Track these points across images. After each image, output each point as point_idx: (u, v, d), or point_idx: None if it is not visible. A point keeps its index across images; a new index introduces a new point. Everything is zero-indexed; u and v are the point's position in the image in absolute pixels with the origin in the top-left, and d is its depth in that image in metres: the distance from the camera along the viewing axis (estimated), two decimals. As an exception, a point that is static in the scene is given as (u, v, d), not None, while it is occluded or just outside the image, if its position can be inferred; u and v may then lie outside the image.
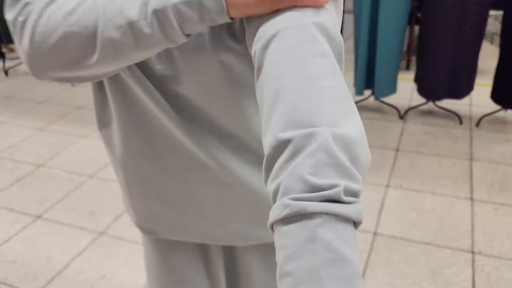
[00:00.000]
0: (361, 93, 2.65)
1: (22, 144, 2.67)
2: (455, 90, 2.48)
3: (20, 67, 4.07)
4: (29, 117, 3.03)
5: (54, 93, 3.43)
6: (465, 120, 2.62)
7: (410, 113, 2.73)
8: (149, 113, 0.64)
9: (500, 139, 2.41)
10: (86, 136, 2.71)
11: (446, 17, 2.31)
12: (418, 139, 2.45)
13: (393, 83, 2.61)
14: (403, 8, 2.40)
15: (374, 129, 2.59)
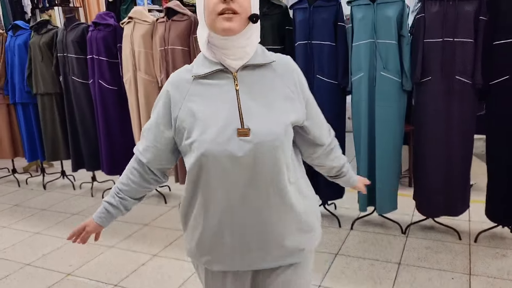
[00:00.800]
0: (364, 209, 2.89)
1: (54, 253, 2.93)
2: (450, 208, 2.70)
3: (57, 181, 4.50)
4: (62, 228, 3.33)
5: (86, 206, 3.78)
6: (464, 235, 2.78)
7: (412, 228, 2.92)
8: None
9: (498, 254, 2.55)
10: (113, 246, 2.96)
11: (435, 142, 2.63)
12: (419, 254, 2.61)
13: (393, 200, 2.86)
14: (397, 131, 2.74)
15: (378, 243, 2.77)
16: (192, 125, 1.09)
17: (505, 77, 2.40)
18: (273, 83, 1.13)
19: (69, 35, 3.74)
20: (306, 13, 2.80)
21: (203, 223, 1.16)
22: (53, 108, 4.03)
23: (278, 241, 1.15)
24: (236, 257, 1.16)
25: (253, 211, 1.12)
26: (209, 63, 1.12)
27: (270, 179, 1.10)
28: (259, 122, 1.07)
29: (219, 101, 1.09)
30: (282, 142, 1.08)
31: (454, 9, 2.45)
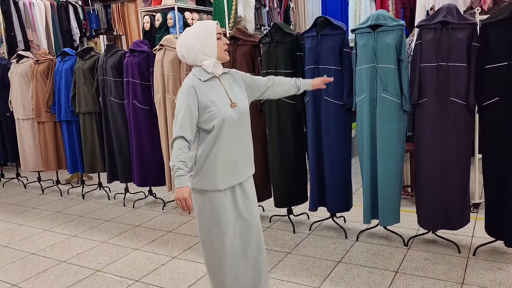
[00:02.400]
0: (368, 222, 3.08)
1: (86, 253, 3.29)
2: (448, 222, 2.84)
3: (95, 192, 4.93)
4: (96, 232, 3.70)
5: (118, 214, 4.15)
6: (464, 249, 2.91)
7: (415, 240, 3.07)
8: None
9: (493, 267, 2.66)
10: (138, 249, 3.28)
11: (433, 160, 2.80)
12: (417, 264, 2.76)
13: (396, 214, 3.03)
14: (398, 149, 2.93)
15: (380, 254, 2.94)
16: (210, 103, 1.96)
17: (495, 99, 2.57)
18: (235, 82, 2.12)
19: (108, 61, 4.21)
20: (314, 40, 3.09)
21: (218, 162, 1.99)
22: (92, 125, 4.49)
23: (249, 161, 2.15)
24: (235, 175, 2.05)
25: (242, 146, 2.07)
26: (206, 73, 2.01)
27: (246, 128, 2.09)
28: (238, 100, 2.05)
29: (218, 91, 2.01)
30: (248, 110, 2.10)
31: (447, 37, 2.66)
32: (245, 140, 2.09)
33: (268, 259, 2.97)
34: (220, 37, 2.01)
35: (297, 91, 2.37)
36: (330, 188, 3.21)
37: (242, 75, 2.16)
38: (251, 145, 2.15)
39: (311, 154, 3.22)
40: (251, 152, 2.16)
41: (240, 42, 3.44)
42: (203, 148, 1.98)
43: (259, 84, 2.22)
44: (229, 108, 1.98)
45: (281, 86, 2.29)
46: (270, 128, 3.38)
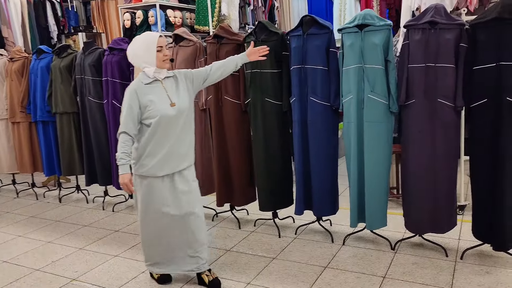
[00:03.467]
0: (355, 225, 3.01)
1: (62, 260, 3.13)
2: (436, 225, 2.80)
3: (72, 195, 4.76)
4: (73, 238, 3.55)
5: (97, 218, 4.00)
6: (452, 252, 2.87)
7: (402, 244, 3.02)
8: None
9: (482, 270, 2.62)
10: (117, 255, 3.15)
11: (420, 162, 2.75)
12: (405, 268, 2.70)
13: (383, 217, 2.97)
14: (385, 151, 2.87)
15: (367, 258, 2.88)
16: (149, 103, 2.37)
17: (484, 100, 2.54)
18: (177, 84, 2.50)
19: (86, 59, 4.05)
20: (300, 40, 3.01)
21: (158, 152, 2.40)
22: (70, 126, 4.32)
23: (188, 152, 2.52)
24: (172, 164, 2.44)
25: (179, 139, 2.45)
26: (148, 77, 2.43)
27: (186, 124, 2.49)
28: (179, 100, 2.44)
29: (159, 93, 2.42)
30: (189, 109, 2.50)
31: (435, 37, 2.61)
32: (184, 134, 2.49)
33: (253, 265, 2.88)
34: (161, 49, 2.40)
35: (235, 67, 2.71)
36: (317, 191, 3.13)
37: (184, 73, 2.55)
38: (191, 138, 2.56)
39: (297, 156, 3.14)
40: (191, 144, 2.56)
41: (224, 40, 3.33)
42: (144, 140, 2.41)
43: (200, 75, 2.60)
44: (168, 107, 2.39)
45: (219, 69, 2.64)
46: (255, 130, 3.29)
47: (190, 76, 2.56)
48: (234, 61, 2.69)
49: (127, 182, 2.35)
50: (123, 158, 2.34)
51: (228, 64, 2.67)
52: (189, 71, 2.57)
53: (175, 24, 5.08)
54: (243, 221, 3.64)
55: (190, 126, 2.53)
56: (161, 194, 2.46)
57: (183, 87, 2.50)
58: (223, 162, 3.48)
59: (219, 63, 2.66)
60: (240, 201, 3.54)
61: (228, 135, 3.43)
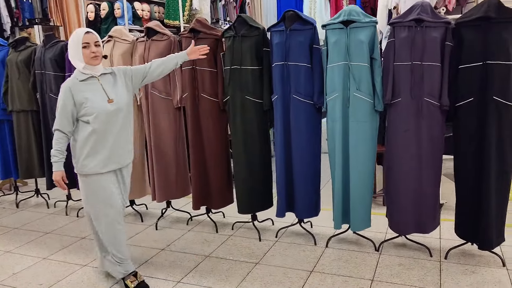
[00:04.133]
0: (339, 227, 2.94)
1: (25, 272, 2.86)
2: (421, 225, 2.77)
3: (31, 199, 4.41)
4: (35, 247, 3.26)
5: (61, 225, 3.71)
6: (435, 252, 2.85)
7: (385, 245, 2.98)
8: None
9: (467, 270, 2.62)
10: (86, 265, 2.91)
11: (405, 161, 2.71)
12: (392, 270, 2.66)
13: (367, 218, 2.92)
14: (370, 150, 2.82)
15: (352, 260, 2.81)
16: (84, 100, 2.34)
17: (470, 99, 2.53)
18: (116, 80, 2.48)
19: (47, 53, 3.75)
20: (283, 35, 2.89)
21: (99, 151, 2.39)
22: (28, 125, 4.00)
23: (127, 149, 2.53)
24: (117, 159, 2.45)
25: (121, 135, 2.44)
26: (83, 74, 2.40)
27: (125, 121, 2.46)
28: (116, 97, 2.42)
29: (95, 90, 2.39)
30: (127, 105, 2.48)
31: (421, 35, 2.58)
32: (124, 130, 2.47)
33: (235, 271, 2.74)
34: (87, 46, 2.36)
35: (175, 65, 2.67)
36: (300, 192, 3.03)
37: (122, 70, 2.53)
38: (131, 134, 2.56)
39: (279, 156, 3.03)
40: (131, 140, 2.56)
41: (200, 35, 3.16)
42: (84, 138, 2.38)
43: (139, 73, 2.57)
44: (105, 104, 2.37)
45: (159, 66, 2.61)
46: (234, 129, 3.14)
47: (129, 73, 2.54)
48: (174, 59, 2.65)
49: (59, 180, 2.39)
50: (56, 155, 2.36)
51: (168, 62, 2.64)
52: (128, 68, 2.56)
53: (142, 17, 4.83)
54: (220, 225, 3.49)
55: (130, 122, 2.53)
56: (105, 191, 2.45)
57: (121, 84, 2.48)
58: (200, 163, 3.31)
59: (159, 60, 2.63)
60: (217, 204, 3.39)
61: (205, 134, 3.26)
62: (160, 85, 3.30)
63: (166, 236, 3.35)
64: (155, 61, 2.62)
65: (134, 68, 2.58)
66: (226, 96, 3.13)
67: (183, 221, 3.65)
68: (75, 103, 2.34)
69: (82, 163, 2.40)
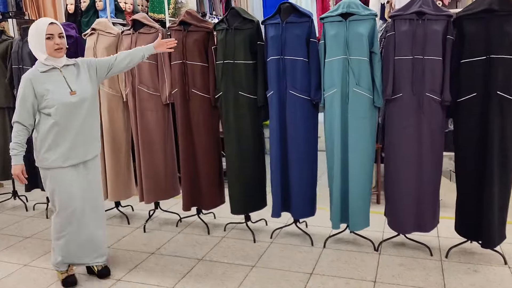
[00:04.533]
0: (338, 227, 2.85)
1: (5, 280, 2.66)
2: (421, 224, 2.70)
3: (8, 202, 4.18)
4: (14, 253, 3.05)
5: (41, 228, 3.51)
6: (435, 251, 2.79)
7: (384, 245, 2.90)
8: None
9: (469, 269, 2.56)
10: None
11: (406, 158, 2.64)
12: (393, 271, 2.58)
13: (366, 217, 2.83)
14: (370, 147, 2.73)
15: (352, 261, 2.72)
16: (46, 92, 2.28)
17: (473, 94, 2.46)
18: (79, 72, 2.41)
19: (25, 47, 3.52)
20: (278, 29, 2.77)
21: (60, 143, 2.32)
22: (5, 123, 3.78)
23: (92, 142, 2.46)
24: (79, 153, 2.38)
25: (84, 128, 2.38)
26: (44, 65, 2.32)
27: (89, 113, 2.40)
28: (80, 88, 2.37)
29: (57, 81, 2.33)
30: (92, 97, 2.42)
31: (423, 28, 2.50)
32: (88, 124, 2.40)
33: (231, 275, 2.61)
34: (51, 37, 2.28)
35: (142, 58, 2.60)
36: (296, 191, 2.93)
37: (86, 62, 2.47)
38: (96, 127, 2.48)
39: (275, 154, 2.91)
40: (95, 134, 2.48)
41: (191, 27, 3.01)
42: (45, 131, 2.31)
43: (104, 65, 2.51)
44: (67, 96, 2.31)
45: (125, 59, 2.55)
46: (227, 126, 3.01)
47: (93, 64, 2.48)
48: (140, 52, 2.59)
49: (19, 173, 2.33)
50: (15, 148, 2.30)
51: (134, 55, 2.58)
52: (93, 60, 2.51)
53: (125, 10, 4.63)
54: (211, 226, 3.35)
55: (95, 115, 2.46)
56: (67, 185, 2.38)
57: (85, 75, 2.42)
58: (190, 162, 3.16)
59: (125, 53, 2.58)
60: (208, 205, 3.25)
61: (195, 132, 3.12)
62: (148, 80, 3.14)
63: (155, 239, 3.20)
64: (121, 53, 2.57)
65: (99, 59, 2.52)
66: (218, 92, 3.00)
67: (172, 222, 3.50)
68: (36, 95, 2.27)
69: (43, 156, 2.34)
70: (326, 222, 3.25)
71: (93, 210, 2.50)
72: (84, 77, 2.41)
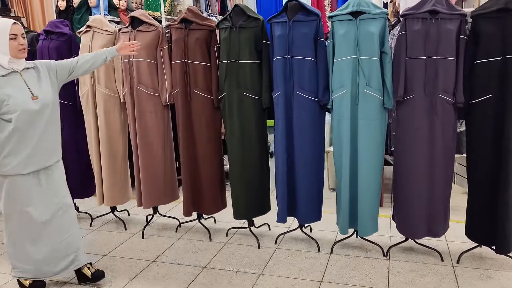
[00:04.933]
0: (346, 232, 2.76)
1: (-3, 293, 2.51)
2: (433, 229, 2.63)
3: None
4: (2, 262, 2.89)
5: None
6: (445, 256, 2.73)
7: (392, 250, 2.83)
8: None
9: (482, 275, 2.50)
10: (68, 282, 2.59)
11: (418, 161, 2.56)
12: (405, 278, 2.50)
13: (375, 222, 2.75)
14: (380, 150, 2.65)
15: (361, 268, 2.64)
16: (6, 97, 2.17)
17: (487, 96, 2.40)
18: (39, 75, 2.31)
19: (15, 44, 3.36)
20: (285, 27, 2.67)
21: (21, 150, 2.22)
22: (-6, 124, 3.58)
23: (53, 147, 2.35)
24: (38, 160, 2.27)
25: (46, 133, 2.28)
26: (3, 69, 2.21)
27: (50, 118, 2.30)
28: (41, 93, 2.26)
29: (18, 86, 2.22)
30: (53, 102, 2.33)
31: (436, 27, 2.43)
32: (50, 129, 2.31)
33: (238, 284, 2.50)
34: (15, 38, 2.21)
35: (104, 61, 2.54)
36: (303, 196, 2.83)
37: (46, 65, 2.37)
38: (57, 133, 2.39)
39: (281, 157, 2.81)
40: (57, 139, 2.39)
41: (193, 25, 2.89)
42: (5, 137, 2.21)
43: (65, 68, 2.41)
44: (29, 100, 2.21)
45: (87, 62, 2.48)
46: (231, 128, 2.90)
47: (53, 67, 2.38)
48: (103, 55, 2.54)
49: None
50: None
51: (97, 58, 2.52)
52: (53, 62, 2.41)
53: (119, 8, 4.48)
54: (212, 231, 3.23)
55: (56, 120, 2.38)
56: (26, 193, 2.29)
57: (45, 79, 2.32)
58: (191, 166, 3.04)
59: (87, 55, 2.51)
60: (210, 209, 3.13)
61: (197, 134, 3.00)
62: (147, 80, 3.01)
63: (155, 246, 3.07)
64: (83, 56, 2.50)
65: (59, 62, 2.42)
66: (222, 92, 2.88)
67: (171, 228, 3.38)
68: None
69: (2, 162, 2.24)
70: (330, 226, 3.18)
71: (63, 213, 2.40)
72: (45, 81, 2.31)
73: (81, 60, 2.46)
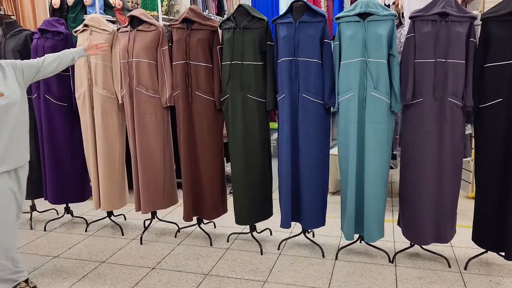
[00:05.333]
0: (351, 238, 2.70)
1: (-10, 303, 2.39)
2: (441, 234, 2.59)
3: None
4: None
5: (25, 241, 3.23)
6: (452, 262, 2.69)
7: (398, 256, 2.78)
8: None
9: (491, 282, 2.46)
10: None
11: (426, 166, 2.52)
12: (414, 285, 2.45)
13: (381, 227, 2.70)
14: (386, 154, 2.60)
15: (368, 275, 2.58)
16: None
17: (498, 100, 2.36)
18: (5, 74, 2.22)
19: (8, 43, 3.26)
20: (291, 28, 2.61)
21: None
22: None
23: (24, 146, 2.30)
24: (11, 159, 2.20)
25: (16, 132, 2.21)
26: None
27: (16, 117, 2.20)
28: (7, 90, 2.17)
29: None
30: (19, 100, 2.23)
31: (446, 30, 2.39)
32: (19, 128, 2.24)
33: (243, 293, 2.43)
34: None
35: (71, 61, 2.50)
36: (307, 200, 2.76)
37: (11, 64, 2.29)
38: (26, 133, 2.32)
39: (285, 161, 2.74)
40: (26, 139, 2.32)
41: (195, 26, 2.81)
42: None
43: (31, 67, 2.34)
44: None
45: (54, 62, 2.41)
46: (233, 131, 2.82)
47: (19, 67, 2.31)
48: (70, 55, 2.49)
49: None
50: None
51: (63, 58, 2.46)
52: (18, 62, 2.33)
53: (114, 6, 4.38)
54: (213, 236, 3.15)
55: (25, 120, 2.31)
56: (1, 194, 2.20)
57: (12, 78, 2.25)
58: (192, 169, 2.96)
59: (54, 55, 2.44)
60: (211, 214, 3.05)
61: (198, 137, 2.92)
62: (147, 81, 2.92)
63: (154, 252, 2.98)
64: (49, 56, 2.43)
65: (24, 62, 2.35)
66: (224, 94, 2.81)
67: (170, 232, 3.29)
68: None
69: None
70: (333, 231, 3.12)
71: (17, 218, 2.35)
72: (11, 80, 2.24)
73: (47, 60, 2.40)
